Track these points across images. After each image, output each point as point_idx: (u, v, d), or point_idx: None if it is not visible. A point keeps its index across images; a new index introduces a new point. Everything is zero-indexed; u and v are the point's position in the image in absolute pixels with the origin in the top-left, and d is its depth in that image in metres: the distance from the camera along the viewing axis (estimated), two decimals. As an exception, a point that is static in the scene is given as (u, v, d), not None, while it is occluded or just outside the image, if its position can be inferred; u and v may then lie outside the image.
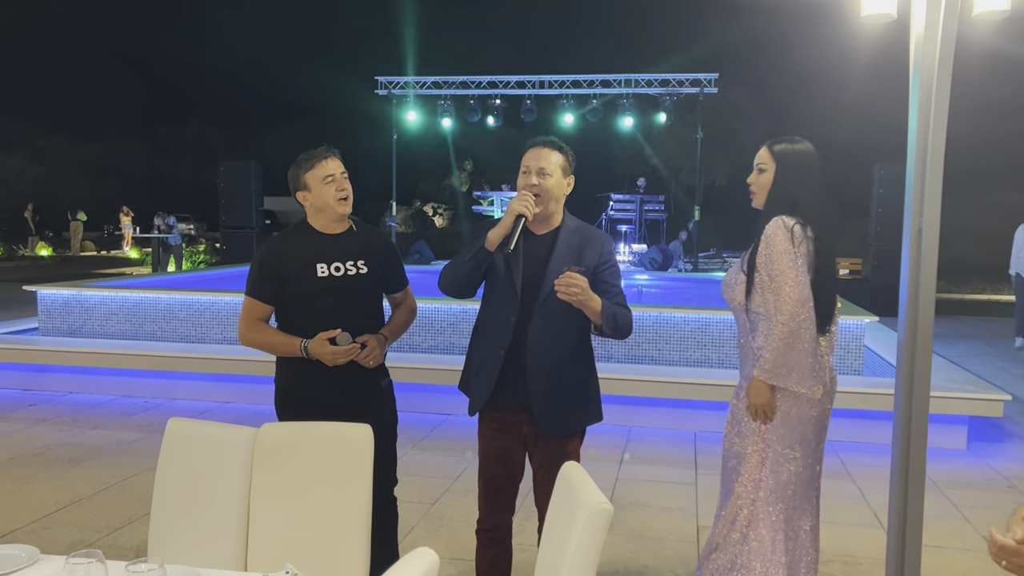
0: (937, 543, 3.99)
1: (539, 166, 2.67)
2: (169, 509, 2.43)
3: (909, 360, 2.75)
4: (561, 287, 2.53)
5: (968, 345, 10.18)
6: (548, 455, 2.79)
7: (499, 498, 2.88)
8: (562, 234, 2.74)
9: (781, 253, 2.59)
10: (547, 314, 2.70)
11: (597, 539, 1.86)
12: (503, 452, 2.84)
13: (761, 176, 2.74)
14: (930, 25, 2.49)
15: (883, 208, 12.79)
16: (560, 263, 2.66)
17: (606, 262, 2.75)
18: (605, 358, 6.56)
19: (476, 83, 16.31)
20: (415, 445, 5.43)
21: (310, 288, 2.82)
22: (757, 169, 2.76)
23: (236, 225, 15.07)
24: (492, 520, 2.90)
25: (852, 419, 5.71)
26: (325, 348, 2.76)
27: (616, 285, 2.76)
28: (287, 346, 2.83)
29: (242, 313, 2.91)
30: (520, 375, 2.72)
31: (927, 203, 2.56)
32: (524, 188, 2.68)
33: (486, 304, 2.82)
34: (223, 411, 6.45)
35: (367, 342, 2.84)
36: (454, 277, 2.74)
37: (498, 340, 2.73)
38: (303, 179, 2.83)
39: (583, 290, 2.53)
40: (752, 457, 2.78)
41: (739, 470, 2.81)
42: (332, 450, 2.40)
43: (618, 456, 5.36)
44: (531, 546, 3.31)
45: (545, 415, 2.74)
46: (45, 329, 7.65)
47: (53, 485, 4.66)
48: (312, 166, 2.81)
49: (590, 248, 2.73)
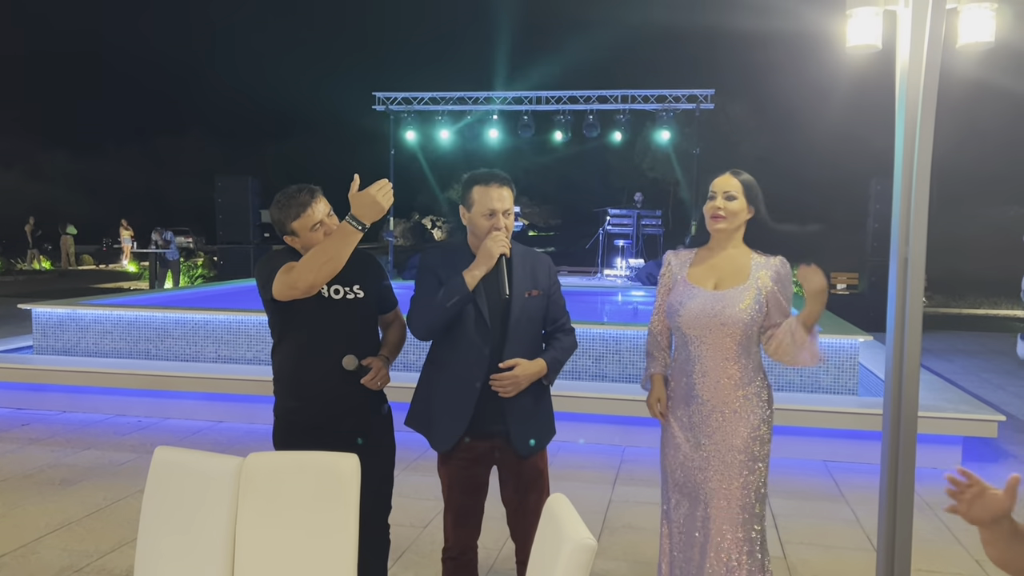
0: (930, 567, 3.97)
1: (504, 208, 2.74)
2: (155, 540, 2.42)
3: (896, 387, 2.75)
4: (504, 387, 2.70)
5: (965, 361, 10.18)
6: (524, 478, 2.85)
7: (467, 522, 2.91)
8: (515, 260, 2.82)
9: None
10: (519, 339, 2.76)
11: (581, 574, 1.86)
12: (472, 481, 2.86)
13: (732, 203, 2.78)
14: (914, 57, 2.50)
15: (879, 224, 12.81)
16: (521, 288, 2.78)
17: (555, 281, 2.92)
18: (599, 377, 6.55)
19: (473, 99, 16.37)
20: (407, 466, 5.41)
21: (310, 305, 2.78)
22: (725, 196, 2.78)
23: (233, 240, 15.09)
24: (460, 546, 2.91)
25: (847, 439, 5.70)
26: (364, 196, 2.55)
27: (563, 305, 2.94)
28: (339, 232, 2.60)
29: (285, 280, 2.66)
30: (496, 404, 2.74)
31: (912, 233, 2.57)
32: (495, 230, 2.73)
33: (451, 338, 2.79)
34: (217, 430, 6.43)
35: (372, 364, 2.84)
36: (433, 323, 2.76)
37: (472, 373, 2.75)
38: (290, 227, 2.81)
39: (521, 376, 2.71)
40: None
41: None
42: (319, 480, 2.39)
43: (612, 477, 5.35)
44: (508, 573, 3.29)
45: (522, 439, 2.78)
46: (40, 347, 7.64)
47: (44, 508, 4.64)
48: (298, 215, 2.77)
49: (541, 269, 2.87)
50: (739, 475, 2.74)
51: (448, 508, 2.90)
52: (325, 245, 2.62)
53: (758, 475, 2.77)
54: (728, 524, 2.72)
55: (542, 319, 2.86)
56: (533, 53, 36.84)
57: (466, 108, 16.41)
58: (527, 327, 2.77)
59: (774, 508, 4.80)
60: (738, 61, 30.90)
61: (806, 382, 6.28)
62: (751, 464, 2.75)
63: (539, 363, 2.76)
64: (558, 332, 2.91)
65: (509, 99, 16.32)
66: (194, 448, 5.64)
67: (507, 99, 16.32)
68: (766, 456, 2.81)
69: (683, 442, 2.82)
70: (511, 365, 2.70)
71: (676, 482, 2.84)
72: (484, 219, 2.74)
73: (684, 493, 2.82)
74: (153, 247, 17.98)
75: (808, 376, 6.28)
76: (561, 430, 6.49)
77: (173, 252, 18.12)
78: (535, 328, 2.82)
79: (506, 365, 2.70)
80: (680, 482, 2.82)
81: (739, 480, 2.73)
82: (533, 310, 2.81)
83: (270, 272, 2.75)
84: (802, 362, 2.71)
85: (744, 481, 2.74)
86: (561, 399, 6.18)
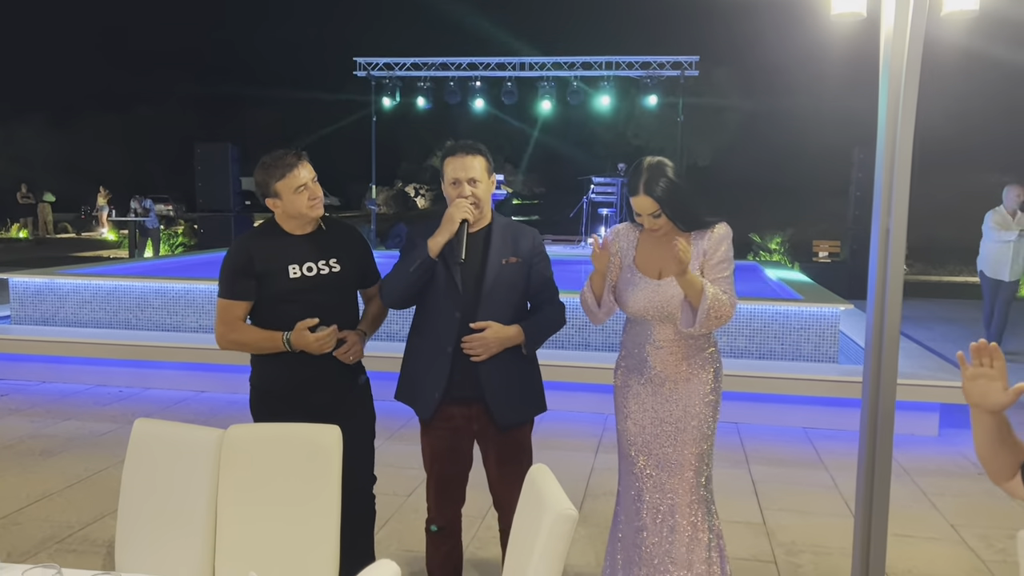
0: (905, 532, 4.04)
1: (468, 176, 2.74)
2: (136, 513, 2.41)
3: (876, 358, 2.77)
4: (473, 349, 2.70)
5: (945, 328, 10.30)
6: (505, 450, 2.85)
7: (450, 493, 2.93)
8: (495, 229, 2.84)
9: (728, 247, 2.76)
10: (494, 305, 2.76)
11: (562, 545, 1.87)
12: (453, 450, 2.88)
13: (658, 220, 2.72)
14: (899, 25, 2.48)
15: (861, 192, 12.87)
16: (498, 255, 2.79)
17: (540, 252, 2.90)
18: (582, 346, 6.57)
19: (456, 65, 16.18)
20: (391, 436, 5.42)
21: (283, 289, 2.79)
22: (651, 215, 2.71)
23: (214, 208, 14.91)
24: (443, 517, 2.94)
25: (827, 407, 5.77)
26: (308, 336, 2.73)
27: (549, 277, 2.92)
28: (268, 340, 2.80)
29: (217, 316, 2.86)
30: (469, 369, 2.75)
31: (895, 203, 2.57)
32: (460, 199, 2.73)
33: (425, 304, 2.84)
34: (199, 400, 6.41)
35: (346, 338, 2.84)
36: (398, 290, 2.79)
37: (442, 337, 2.76)
38: (273, 187, 2.78)
39: (491, 338, 2.70)
40: None
41: None
42: (301, 452, 2.39)
43: (594, 445, 5.39)
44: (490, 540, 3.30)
45: (500, 408, 2.79)
46: (18, 317, 7.56)
47: (24, 479, 4.62)
48: (283, 175, 2.75)
49: (523, 239, 2.87)
50: (692, 441, 2.80)
51: (430, 479, 2.92)
52: (250, 337, 2.82)
53: (708, 440, 2.84)
54: (683, 487, 2.80)
55: (523, 289, 2.85)
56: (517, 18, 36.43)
57: (448, 75, 16.22)
58: (505, 295, 2.77)
59: (754, 475, 4.86)
60: (723, 28, 30.74)
61: (787, 350, 6.33)
62: (702, 429, 2.81)
63: (514, 328, 2.76)
64: (544, 304, 2.90)
65: (492, 65, 16.14)
66: (176, 418, 5.61)
67: (490, 65, 16.14)
68: (715, 420, 2.87)
69: (636, 410, 2.87)
70: (482, 327, 2.71)
71: (632, 446, 2.87)
72: (451, 188, 2.78)
73: (639, 458, 2.86)
74: (132, 215, 17.75)
75: (789, 344, 6.33)
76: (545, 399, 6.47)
77: (153, 220, 17.90)
78: (514, 297, 2.81)
79: (477, 327, 2.71)
80: (636, 446, 2.86)
81: (692, 447, 2.80)
82: (511, 277, 2.80)
83: (223, 274, 2.84)
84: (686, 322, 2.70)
85: (697, 448, 2.81)
86: (544, 368, 6.20)
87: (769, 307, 6.38)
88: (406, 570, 3.20)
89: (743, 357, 6.34)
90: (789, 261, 15.26)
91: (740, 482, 4.74)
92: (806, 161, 27.21)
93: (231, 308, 2.83)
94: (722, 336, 6.33)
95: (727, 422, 5.86)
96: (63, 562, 3.52)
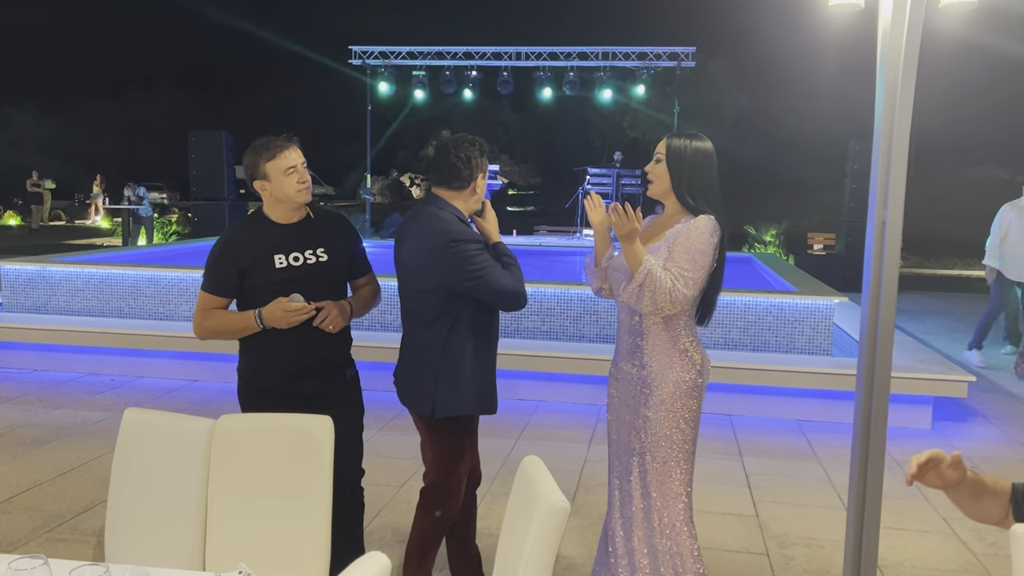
0: (898, 525, 4.05)
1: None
2: (126, 503, 2.39)
3: (871, 352, 2.76)
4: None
5: (938, 321, 10.31)
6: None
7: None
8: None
9: (705, 241, 2.63)
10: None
11: (554, 537, 1.86)
12: None
13: (658, 166, 2.76)
14: (897, 16, 2.46)
15: (857, 184, 12.84)
16: None
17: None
18: (577, 338, 6.56)
19: (452, 54, 16.11)
20: (384, 426, 5.41)
21: (270, 279, 2.76)
22: (655, 159, 2.77)
23: (208, 196, 14.84)
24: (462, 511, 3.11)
25: (820, 399, 5.77)
26: (277, 308, 2.70)
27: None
28: (241, 321, 2.78)
29: (196, 306, 2.87)
30: None
31: (891, 195, 2.56)
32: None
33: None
34: (191, 389, 6.39)
35: (324, 305, 2.78)
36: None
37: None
38: (263, 168, 2.75)
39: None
40: None
41: None
42: (292, 443, 2.37)
43: (588, 436, 5.38)
44: (481, 530, 3.31)
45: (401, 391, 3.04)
46: (9, 305, 7.52)
47: (15, 468, 4.59)
48: (273, 156, 2.73)
49: None
50: (675, 428, 2.74)
51: (461, 475, 3.00)
52: (224, 320, 2.82)
53: (690, 430, 2.77)
54: (666, 478, 2.76)
55: None
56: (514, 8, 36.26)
57: (444, 63, 16.14)
58: None
59: (747, 467, 4.87)
60: (720, 19, 30.65)
61: (781, 342, 6.33)
62: (685, 417, 2.75)
63: None
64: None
65: (488, 54, 16.06)
66: (168, 407, 5.59)
67: (486, 54, 16.06)
68: (698, 409, 2.80)
69: (620, 404, 2.85)
70: None
71: (619, 437, 2.85)
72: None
73: (622, 448, 2.84)
74: (126, 203, 17.67)
75: (783, 336, 6.32)
76: (540, 390, 6.49)
77: (146, 208, 17.82)
78: None
79: None
80: (621, 437, 2.85)
81: (677, 434, 2.75)
82: None
83: (207, 266, 2.85)
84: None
85: (681, 435, 2.76)
86: (538, 359, 6.21)
87: (763, 299, 6.37)
88: (399, 561, 3.19)
89: (737, 349, 6.34)
90: (784, 253, 15.26)
91: (733, 474, 4.74)
92: (802, 153, 27.20)
93: (209, 301, 2.83)
94: (715, 328, 6.33)
95: (721, 414, 5.87)
96: (53, 551, 3.51)
